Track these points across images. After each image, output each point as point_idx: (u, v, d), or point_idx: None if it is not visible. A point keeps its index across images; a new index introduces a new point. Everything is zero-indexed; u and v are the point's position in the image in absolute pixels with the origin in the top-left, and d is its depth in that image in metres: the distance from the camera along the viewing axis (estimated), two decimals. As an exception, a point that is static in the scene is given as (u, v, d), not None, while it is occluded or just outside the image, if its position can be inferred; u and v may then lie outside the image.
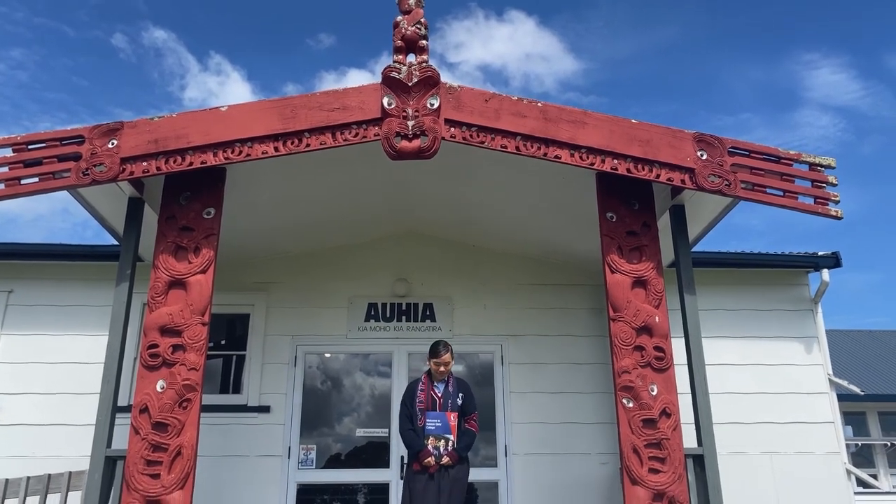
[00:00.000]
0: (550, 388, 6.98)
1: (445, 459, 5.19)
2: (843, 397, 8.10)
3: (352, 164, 5.72)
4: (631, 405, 5.00)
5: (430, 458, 5.17)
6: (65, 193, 5.24)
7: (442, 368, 5.41)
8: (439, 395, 5.37)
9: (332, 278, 7.34)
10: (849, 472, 7.08)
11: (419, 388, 5.41)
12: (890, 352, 21.37)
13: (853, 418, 17.88)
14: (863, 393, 8.98)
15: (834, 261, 7.30)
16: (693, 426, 5.16)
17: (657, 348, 5.13)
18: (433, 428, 5.24)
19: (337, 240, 7.37)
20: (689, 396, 5.24)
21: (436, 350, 5.46)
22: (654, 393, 5.02)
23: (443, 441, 5.22)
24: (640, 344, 5.12)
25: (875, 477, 16.63)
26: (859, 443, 18.03)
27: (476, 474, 6.76)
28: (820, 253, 7.36)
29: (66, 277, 7.16)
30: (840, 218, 5.18)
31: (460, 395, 5.42)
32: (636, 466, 4.87)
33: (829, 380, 7.34)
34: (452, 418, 5.28)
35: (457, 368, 7.27)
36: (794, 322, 7.47)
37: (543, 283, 7.39)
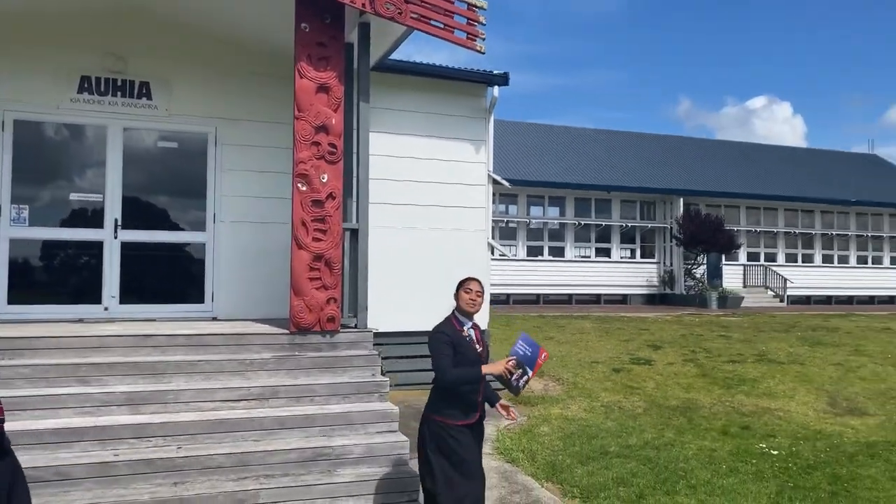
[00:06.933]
0: (257, 167, 8.00)
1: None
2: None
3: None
4: (304, 189, 6.26)
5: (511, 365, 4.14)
6: None
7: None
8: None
9: (41, 44, 7.33)
10: (490, 245, 9.33)
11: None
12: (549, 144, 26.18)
13: (507, 198, 22.80)
14: (510, 186, 11.32)
15: (504, 79, 8.89)
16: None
17: (331, 144, 6.34)
18: (523, 353, 4.22)
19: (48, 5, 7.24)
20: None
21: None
22: (324, 180, 6.31)
23: (520, 371, 4.19)
24: (318, 140, 6.29)
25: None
26: (507, 221, 22.90)
27: (185, 237, 7.93)
28: (495, 72, 8.89)
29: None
30: (483, 52, 6.53)
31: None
32: (303, 236, 6.26)
33: (489, 175, 9.28)
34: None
35: (171, 145, 7.98)
36: (469, 127, 9.12)
37: (258, 72, 8.00)
